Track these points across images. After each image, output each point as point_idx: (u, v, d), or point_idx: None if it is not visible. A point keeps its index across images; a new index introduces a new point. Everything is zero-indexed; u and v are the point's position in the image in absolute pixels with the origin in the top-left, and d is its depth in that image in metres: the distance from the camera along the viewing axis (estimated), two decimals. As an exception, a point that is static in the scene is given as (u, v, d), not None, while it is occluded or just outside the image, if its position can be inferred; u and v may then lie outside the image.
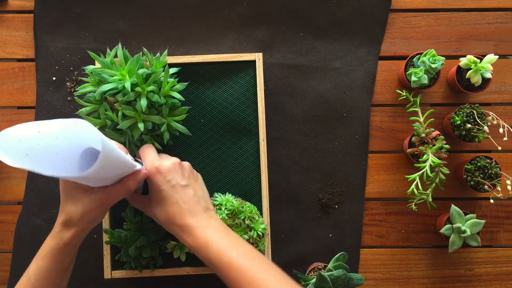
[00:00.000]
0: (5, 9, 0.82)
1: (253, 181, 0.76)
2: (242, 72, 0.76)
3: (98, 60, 0.67)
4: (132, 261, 0.72)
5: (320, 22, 0.82)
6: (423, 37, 0.83)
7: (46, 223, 0.80)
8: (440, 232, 0.76)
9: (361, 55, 0.82)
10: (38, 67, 0.81)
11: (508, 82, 0.83)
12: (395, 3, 0.83)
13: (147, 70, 0.67)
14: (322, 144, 0.82)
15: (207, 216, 0.63)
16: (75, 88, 0.81)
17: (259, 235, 0.72)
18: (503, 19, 0.83)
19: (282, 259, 0.80)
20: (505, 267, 0.82)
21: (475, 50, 0.83)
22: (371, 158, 0.82)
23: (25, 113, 0.81)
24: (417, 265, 0.82)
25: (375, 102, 0.83)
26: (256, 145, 0.76)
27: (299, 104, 0.82)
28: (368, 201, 0.82)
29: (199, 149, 0.77)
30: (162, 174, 0.62)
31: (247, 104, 0.76)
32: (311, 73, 0.82)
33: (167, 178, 0.62)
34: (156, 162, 0.63)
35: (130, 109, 0.65)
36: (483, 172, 0.76)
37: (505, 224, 0.82)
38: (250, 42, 0.82)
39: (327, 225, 0.81)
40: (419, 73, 0.76)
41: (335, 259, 0.71)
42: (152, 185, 0.63)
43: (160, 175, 0.62)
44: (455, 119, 0.76)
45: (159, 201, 0.62)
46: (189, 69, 0.76)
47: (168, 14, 0.82)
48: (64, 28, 0.81)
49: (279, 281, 0.55)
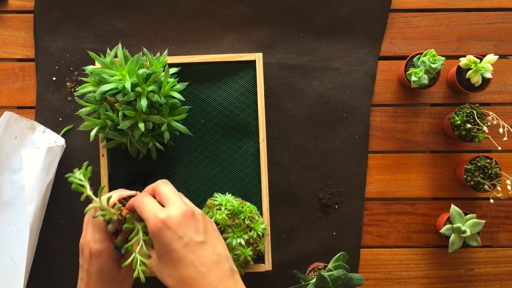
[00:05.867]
0: (5, 9, 0.82)
1: (253, 181, 0.76)
2: (242, 72, 0.76)
3: (98, 60, 0.67)
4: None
5: (320, 22, 0.82)
6: (423, 37, 0.83)
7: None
8: (440, 232, 0.76)
9: (361, 55, 0.82)
10: (38, 67, 0.81)
11: (508, 82, 0.83)
12: (395, 3, 0.83)
13: (147, 70, 0.67)
14: (322, 144, 0.82)
15: (233, 284, 0.51)
16: (75, 88, 0.81)
17: (259, 235, 0.72)
18: (503, 19, 0.83)
19: (282, 259, 0.80)
20: (505, 267, 0.82)
21: (475, 50, 0.83)
22: (371, 158, 0.82)
23: (25, 113, 0.81)
24: (417, 265, 0.82)
25: (375, 102, 0.83)
26: (256, 145, 0.76)
27: (299, 104, 0.82)
28: (368, 201, 0.82)
29: (199, 149, 0.77)
30: (172, 229, 0.50)
31: (247, 104, 0.76)
32: (311, 73, 0.82)
33: (178, 234, 0.50)
34: (161, 213, 0.51)
35: (130, 109, 0.65)
36: (483, 172, 0.76)
37: (505, 224, 0.82)
38: (250, 42, 0.82)
39: (327, 225, 0.81)
40: (419, 73, 0.76)
41: (335, 259, 0.71)
42: (158, 243, 0.51)
43: (169, 230, 0.50)
44: (455, 119, 0.76)
45: (168, 263, 0.51)
46: (189, 69, 0.76)
47: (168, 14, 0.82)
48: (64, 28, 0.81)
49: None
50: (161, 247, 0.51)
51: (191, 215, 0.52)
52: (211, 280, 0.50)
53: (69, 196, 0.80)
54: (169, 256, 0.51)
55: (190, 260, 0.50)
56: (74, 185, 0.53)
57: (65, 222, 0.80)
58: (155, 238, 0.51)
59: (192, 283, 0.50)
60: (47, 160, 0.72)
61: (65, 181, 0.80)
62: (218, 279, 0.50)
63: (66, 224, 0.80)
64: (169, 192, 0.55)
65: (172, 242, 0.50)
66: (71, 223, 0.80)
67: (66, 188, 0.80)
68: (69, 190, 0.80)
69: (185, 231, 0.51)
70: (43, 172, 0.71)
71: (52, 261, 0.79)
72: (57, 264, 0.79)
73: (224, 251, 0.54)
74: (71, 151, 0.80)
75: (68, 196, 0.80)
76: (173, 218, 0.51)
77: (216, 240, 0.54)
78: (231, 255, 0.70)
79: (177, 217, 0.51)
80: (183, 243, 0.50)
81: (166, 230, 0.50)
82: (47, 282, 0.79)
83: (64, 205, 0.80)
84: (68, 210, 0.80)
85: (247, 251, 0.70)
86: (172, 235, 0.50)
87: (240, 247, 0.70)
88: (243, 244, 0.70)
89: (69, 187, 0.79)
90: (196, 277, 0.50)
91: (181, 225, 0.51)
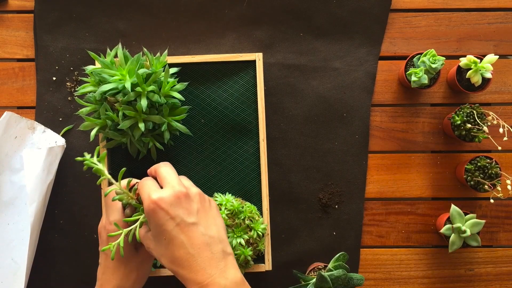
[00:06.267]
0: (5, 9, 0.82)
1: (253, 181, 0.76)
2: (242, 72, 0.76)
3: (98, 60, 0.67)
4: (132, 261, 0.72)
5: (320, 22, 0.82)
6: (423, 37, 0.83)
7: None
8: (440, 232, 0.76)
9: (361, 55, 0.82)
10: (38, 67, 0.81)
11: (508, 82, 0.83)
12: (395, 3, 0.83)
13: (147, 70, 0.67)
14: (322, 144, 0.82)
15: (223, 266, 0.51)
16: (75, 88, 0.81)
17: (259, 235, 0.72)
18: (503, 19, 0.83)
19: (282, 259, 0.80)
20: (505, 267, 0.82)
21: (475, 50, 0.83)
22: (371, 158, 0.82)
23: (25, 113, 0.81)
24: (417, 265, 0.82)
25: (375, 102, 0.83)
26: (256, 145, 0.76)
27: (299, 104, 0.82)
28: (368, 201, 0.82)
29: (199, 149, 0.77)
30: (164, 209, 0.51)
31: (247, 104, 0.76)
32: (311, 73, 0.82)
33: (170, 214, 0.51)
34: (154, 194, 0.52)
35: (130, 109, 0.65)
36: (483, 172, 0.77)
37: (505, 224, 0.82)
38: (250, 42, 0.82)
39: (327, 225, 0.81)
40: (419, 73, 0.76)
41: (335, 259, 0.71)
42: (152, 224, 0.52)
43: (162, 210, 0.51)
44: (455, 119, 0.76)
45: (162, 243, 0.52)
46: (189, 69, 0.76)
47: (168, 14, 0.82)
48: (64, 28, 0.81)
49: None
50: (155, 227, 0.52)
51: (184, 196, 0.53)
52: (200, 262, 0.50)
53: (69, 196, 0.80)
54: (162, 236, 0.51)
55: (181, 240, 0.51)
56: (94, 168, 0.54)
57: (65, 222, 0.80)
58: (149, 218, 0.52)
59: (182, 263, 0.50)
60: (48, 160, 0.72)
61: (65, 181, 0.80)
62: (208, 261, 0.50)
63: (66, 224, 0.80)
64: (166, 173, 0.55)
65: (164, 223, 0.51)
66: (71, 223, 0.80)
67: (66, 188, 0.80)
68: (69, 190, 0.80)
69: (176, 212, 0.51)
70: (43, 172, 0.71)
71: (52, 261, 0.79)
72: (57, 264, 0.79)
73: (217, 233, 0.53)
74: (71, 151, 0.80)
75: (68, 196, 0.80)
76: (165, 198, 0.51)
77: (210, 221, 0.54)
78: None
79: (169, 198, 0.51)
80: (174, 224, 0.51)
81: (158, 210, 0.51)
82: (47, 282, 0.79)
83: (64, 205, 0.80)
84: (68, 210, 0.80)
85: (247, 251, 0.70)
86: (164, 215, 0.51)
87: (240, 247, 0.70)
88: (243, 244, 0.70)
89: (69, 187, 0.80)
90: (186, 258, 0.50)
91: (173, 205, 0.51)
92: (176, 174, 0.57)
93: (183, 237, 0.51)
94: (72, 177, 0.80)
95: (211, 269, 0.50)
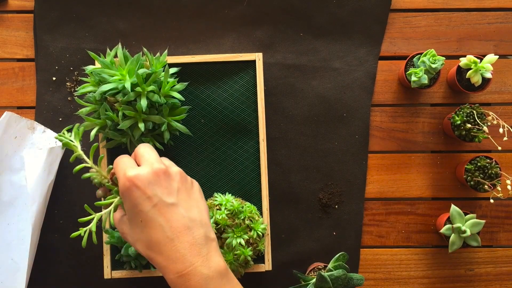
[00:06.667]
0: (5, 9, 0.82)
1: (253, 181, 0.76)
2: (242, 72, 0.76)
3: (98, 60, 0.67)
4: (132, 261, 0.72)
5: (320, 22, 0.82)
6: (423, 37, 0.83)
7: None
8: (440, 232, 0.76)
9: (361, 55, 0.82)
10: (38, 67, 0.81)
11: (508, 82, 0.83)
12: (395, 3, 0.83)
13: (147, 70, 0.67)
14: (322, 144, 0.82)
15: (206, 253, 0.46)
16: (75, 88, 0.81)
17: (259, 235, 0.72)
18: (503, 19, 0.83)
19: (282, 259, 0.80)
20: (505, 267, 0.82)
21: (475, 50, 0.83)
22: (371, 158, 0.82)
23: (25, 113, 0.81)
24: (417, 265, 0.82)
25: (375, 102, 0.83)
26: (256, 145, 0.76)
27: (299, 104, 0.82)
28: (368, 201, 0.82)
29: (199, 149, 0.77)
30: (140, 188, 0.46)
31: (247, 104, 0.76)
32: (311, 73, 0.82)
33: (147, 193, 0.46)
34: (131, 170, 0.47)
35: (130, 109, 0.65)
36: (483, 172, 0.76)
37: (505, 224, 0.82)
38: (250, 42, 0.82)
39: (327, 225, 0.81)
40: (419, 73, 0.76)
41: (335, 259, 0.71)
42: (127, 204, 0.47)
43: (138, 189, 0.46)
44: (455, 119, 0.76)
45: (137, 226, 0.47)
46: (189, 69, 0.76)
47: (168, 14, 0.82)
48: (64, 28, 0.81)
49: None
50: (130, 208, 0.47)
51: (164, 173, 0.47)
52: (180, 247, 0.45)
53: (69, 196, 0.80)
54: (138, 218, 0.46)
55: (159, 222, 0.46)
56: (64, 142, 0.51)
57: (65, 222, 0.80)
58: (124, 198, 0.47)
59: (160, 248, 0.45)
60: (49, 160, 0.73)
61: (65, 181, 0.80)
62: (188, 246, 0.45)
63: (66, 224, 0.80)
64: (145, 151, 0.50)
65: (140, 203, 0.46)
66: (71, 223, 0.80)
67: (66, 188, 0.80)
68: (69, 190, 0.80)
69: (154, 191, 0.46)
70: (44, 172, 0.72)
71: (52, 261, 0.79)
72: (57, 264, 0.79)
73: (199, 216, 0.48)
74: (71, 151, 0.80)
75: (68, 196, 0.80)
76: (142, 176, 0.46)
77: (192, 202, 0.49)
78: (231, 255, 0.70)
79: (147, 175, 0.46)
80: (151, 204, 0.46)
81: (134, 189, 0.46)
82: (47, 282, 0.79)
83: (64, 205, 0.80)
84: (68, 210, 0.80)
85: (247, 251, 0.70)
86: (140, 194, 0.46)
87: (240, 247, 0.70)
88: (243, 244, 0.70)
89: (69, 187, 0.80)
90: (164, 242, 0.45)
91: (151, 184, 0.46)
92: (156, 153, 0.51)
93: (161, 219, 0.46)
94: (72, 177, 0.80)
95: (192, 257, 0.45)
